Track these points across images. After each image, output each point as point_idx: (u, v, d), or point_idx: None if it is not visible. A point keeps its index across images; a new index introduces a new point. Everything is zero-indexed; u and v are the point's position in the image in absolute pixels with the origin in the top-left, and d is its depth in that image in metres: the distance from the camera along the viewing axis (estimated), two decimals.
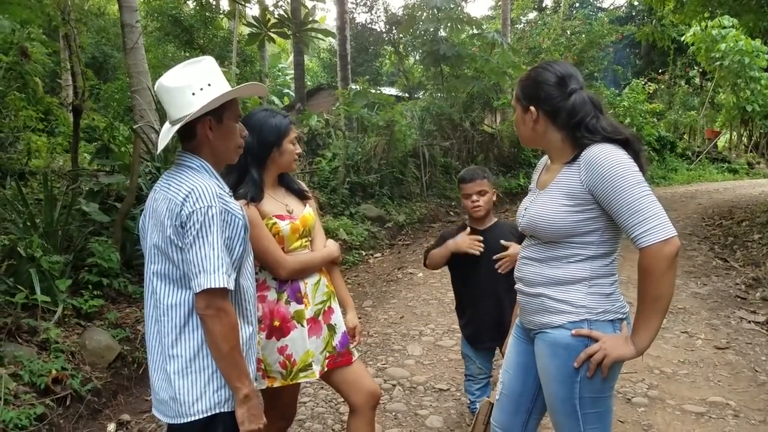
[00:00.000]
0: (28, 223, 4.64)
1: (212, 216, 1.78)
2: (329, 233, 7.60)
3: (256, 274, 2.40)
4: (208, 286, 1.75)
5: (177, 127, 1.88)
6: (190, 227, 1.77)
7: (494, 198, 3.24)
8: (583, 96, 1.94)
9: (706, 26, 14.16)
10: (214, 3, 16.25)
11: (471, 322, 3.36)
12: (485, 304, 3.25)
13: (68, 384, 3.67)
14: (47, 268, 4.18)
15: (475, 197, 3.18)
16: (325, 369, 2.46)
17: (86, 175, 6.14)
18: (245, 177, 2.38)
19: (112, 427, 3.67)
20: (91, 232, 5.04)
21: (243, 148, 2.10)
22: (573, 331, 1.91)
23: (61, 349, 3.86)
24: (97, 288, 4.63)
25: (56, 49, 11.43)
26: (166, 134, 1.96)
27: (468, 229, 3.25)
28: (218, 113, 1.91)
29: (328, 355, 2.47)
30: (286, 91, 24.57)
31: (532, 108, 1.99)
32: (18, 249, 4.09)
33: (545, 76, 1.98)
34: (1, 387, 3.30)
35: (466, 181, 3.21)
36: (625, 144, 1.89)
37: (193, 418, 1.85)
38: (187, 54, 15.64)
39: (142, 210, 2.01)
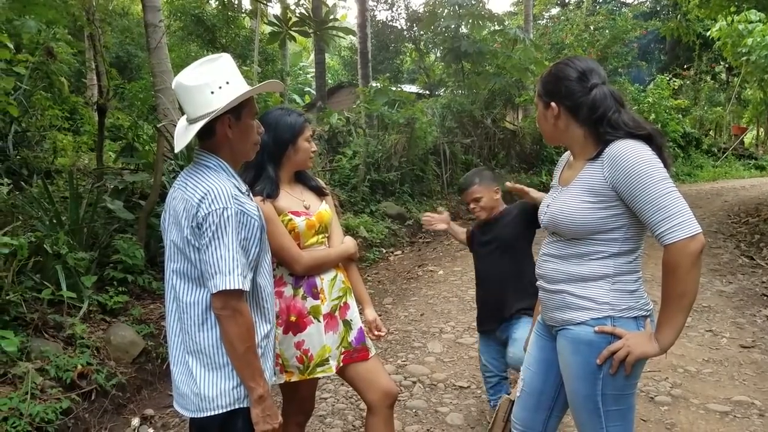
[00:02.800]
0: (54, 221, 4.71)
1: (228, 217, 1.80)
2: (350, 231, 7.62)
3: (273, 270, 2.42)
4: (224, 288, 1.77)
5: (198, 125, 1.87)
6: (206, 228, 1.79)
7: (497, 195, 3.30)
8: (604, 90, 1.92)
9: (733, 21, 13.90)
10: (236, 2, 16.36)
11: (478, 304, 3.48)
12: (488, 286, 3.36)
13: (93, 379, 3.73)
14: (73, 264, 4.25)
15: (472, 205, 3.31)
16: (341, 364, 2.48)
17: (111, 174, 6.21)
18: (262, 174, 2.41)
19: (136, 421, 3.72)
20: (115, 229, 5.12)
21: (259, 145, 2.12)
22: (596, 328, 1.89)
23: (87, 345, 3.92)
24: (122, 284, 4.70)
25: (81, 48, 11.58)
26: (183, 133, 1.96)
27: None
28: (237, 111, 1.91)
29: (343, 350, 2.49)
30: (308, 89, 24.64)
31: (553, 104, 1.98)
32: (44, 246, 4.15)
33: (566, 71, 1.97)
34: (28, 381, 3.36)
35: (462, 191, 3.38)
36: (648, 139, 1.87)
37: (213, 413, 1.87)
38: (210, 53, 15.73)
39: None
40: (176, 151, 2.04)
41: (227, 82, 1.89)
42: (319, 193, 2.60)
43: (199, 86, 1.87)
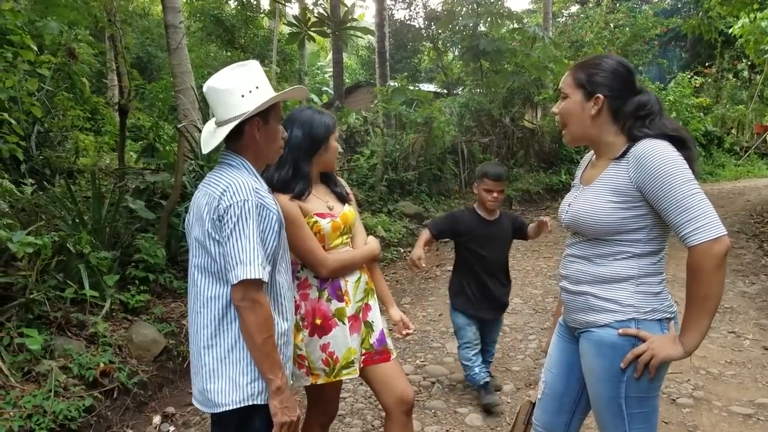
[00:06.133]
0: (77, 220, 4.76)
1: (249, 209, 1.84)
2: (367, 230, 7.60)
3: (299, 272, 2.43)
4: (245, 277, 1.80)
5: (229, 126, 1.93)
6: (227, 220, 1.83)
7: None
8: (655, 96, 1.93)
9: (755, 18, 13.70)
10: (255, 2, 16.43)
11: (475, 296, 3.82)
12: (491, 282, 3.80)
13: (115, 377, 3.78)
14: (95, 263, 4.29)
15: (496, 194, 3.71)
16: (361, 365, 2.47)
17: (132, 173, 6.28)
18: (298, 172, 2.41)
19: (157, 419, 3.75)
20: (137, 228, 5.17)
21: (293, 145, 2.22)
22: (620, 331, 1.88)
23: (109, 343, 3.97)
24: (144, 283, 4.75)
25: (102, 49, 11.66)
26: (211, 134, 2.02)
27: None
28: (265, 115, 1.98)
29: (364, 351, 2.49)
30: (325, 88, 24.69)
31: (600, 96, 1.93)
32: (67, 245, 4.20)
33: (616, 66, 1.95)
34: (51, 379, 3.41)
35: (492, 179, 3.71)
36: (681, 143, 1.85)
37: (229, 408, 1.90)
38: (229, 53, 15.83)
39: (187, 207, 2.07)
40: (206, 151, 2.08)
41: (257, 87, 1.96)
42: (342, 199, 2.58)
43: (230, 89, 1.93)
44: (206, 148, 2.02)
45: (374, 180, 9.63)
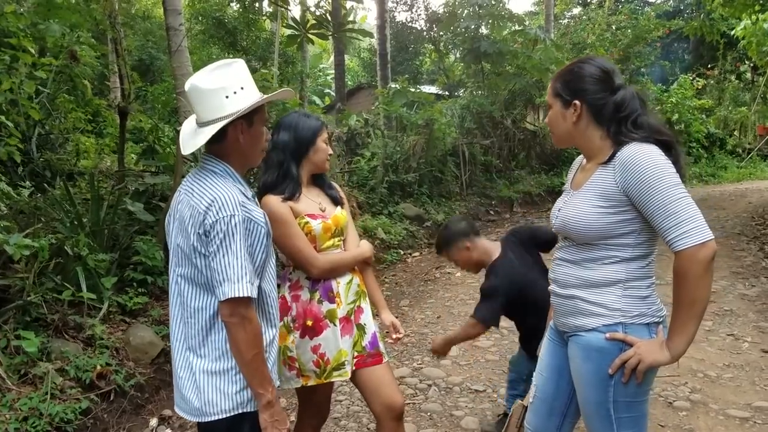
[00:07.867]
0: (76, 223, 4.77)
1: (235, 225, 1.79)
2: (367, 232, 7.62)
3: (290, 273, 2.45)
4: (232, 295, 1.77)
5: (212, 128, 1.86)
6: (213, 236, 1.78)
7: (470, 249, 3.17)
8: (631, 91, 1.91)
9: (758, 20, 13.68)
10: (256, 5, 16.47)
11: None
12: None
13: (112, 379, 3.78)
14: (93, 266, 4.30)
15: (452, 263, 3.34)
16: (353, 368, 2.47)
17: (132, 176, 6.29)
18: (286, 174, 2.42)
19: (154, 422, 3.76)
20: (136, 231, 5.18)
21: (281, 147, 2.23)
22: (607, 335, 1.88)
23: (106, 345, 3.97)
24: (142, 285, 4.75)
25: (104, 52, 11.69)
26: (191, 135, 1.95)
27: None
28: (249, 117, 1.91)
29: (356, 354, 2.48)
30: (327, 90, 24.75)
31: (576, 102, 1.93)
32: (65, 248, 4.21)
33: (589, 70, 1.94)
34: (48, 382, 3.41)
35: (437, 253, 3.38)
36: (667, 146, 1.85)
37: (217, 417, 1.88)
38: (231, 56, 15.87)
39: None
40: (184, 153, 2.04)
41: (242, 88, 1.89)
42: (335, 201, 2.59)
43: (214, 90, 1.86)
44: (186, 149, 1.94)
45: (375, 182, 9.63)
